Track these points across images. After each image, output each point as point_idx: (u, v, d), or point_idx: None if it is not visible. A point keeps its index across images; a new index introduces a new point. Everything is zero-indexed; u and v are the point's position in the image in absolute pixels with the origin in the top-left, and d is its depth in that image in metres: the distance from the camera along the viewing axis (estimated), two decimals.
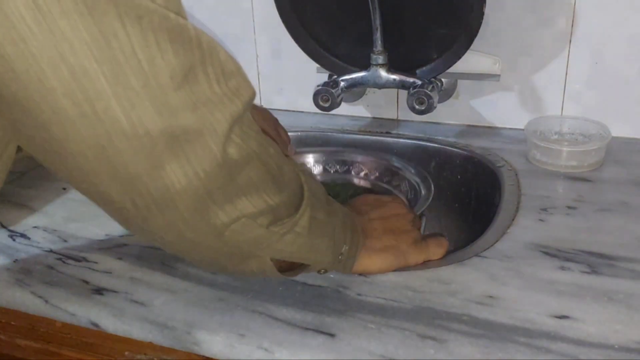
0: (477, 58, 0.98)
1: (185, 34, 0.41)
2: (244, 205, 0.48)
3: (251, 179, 0.48)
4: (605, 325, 0.56)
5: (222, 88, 0.44)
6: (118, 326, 0.61)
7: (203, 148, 0.43)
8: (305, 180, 0.56)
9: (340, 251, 0.60)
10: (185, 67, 0.41)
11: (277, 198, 0.51)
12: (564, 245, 0.69)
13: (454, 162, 0.99)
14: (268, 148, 0.50)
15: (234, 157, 0.45)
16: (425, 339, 0.55)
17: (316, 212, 0.56)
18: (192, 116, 0.42)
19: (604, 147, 0.88)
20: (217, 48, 0.44)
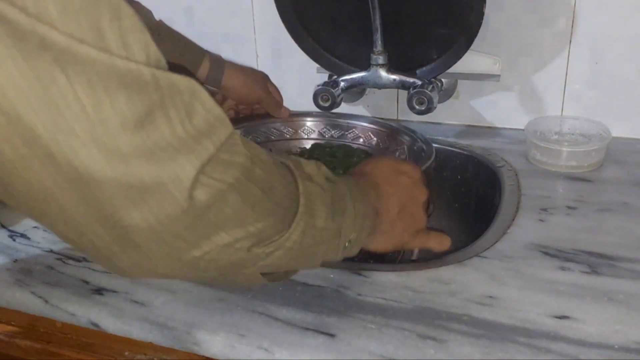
0: (477, 58, 0.98)
1: (139, 78, 0.38)
2: (220, 237, 0.45)
3: (227, 213, 0.45)
4: (605, 326, 0.56)
5: (188, 130, 0.41)
6: (118, 326, 0.61)
7: (164, 197, 0.40)
8: (303, 190, 0.52)
9: (346, 242, 0.58)
10: (139, 112, 0.38)
11: (261, 224, 0.48)
12: (564, 246, 0.69)
13: (454, 162, 0.99)
14: (253, 170, 0.47)
15: (202, 199, 0.42)
16: (425, 339, 0.55)
17: (315, 220, 0.53)
18: (149, 164, 0.39)
19: (604, 147, 0.88)
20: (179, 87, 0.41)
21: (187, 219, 0.42)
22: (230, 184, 0.44)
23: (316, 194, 0.54)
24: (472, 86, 1.04)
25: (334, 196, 0.56)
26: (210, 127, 0.42)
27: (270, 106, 0.97)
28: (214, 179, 0.43)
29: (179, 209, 0.41)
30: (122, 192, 0.39)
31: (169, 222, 0.41)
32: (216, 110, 0.43)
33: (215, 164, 0.43)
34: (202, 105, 0.42)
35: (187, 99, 0.41)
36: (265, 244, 0.49)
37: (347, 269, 0.66)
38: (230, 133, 0.44)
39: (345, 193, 0.58)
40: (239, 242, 0.47)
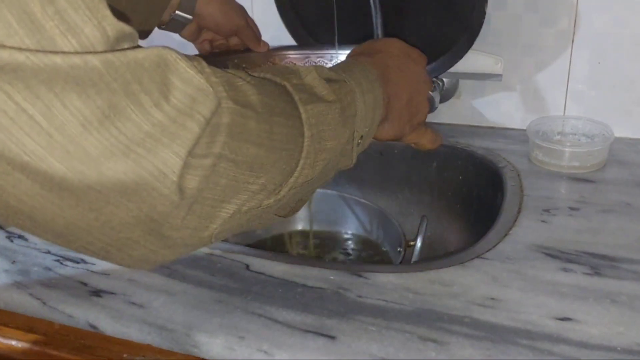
0: (479, 58, 0.98)
1: (89, 70, 0.33)
2: (225, 210, 0.43)
3: (223, 185, 0.41)
4: (607, 327, 0.56)
5: (167, 112, 0.36)
6: (116, 328, 0.61)
7: (150, 194, 0.37)
8: (306, 118, 0.48)
9: (359, 139, 0.56)
10: (101, 107, 0.34)
11: (264, 178, 0.44)
12: (567, 247, 0.69)
13: (455, 162, 0.98)
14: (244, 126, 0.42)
15: (194, 186, 0.39)
16: (426, 342, 0.55)
17: (326, 142, 0.50)
18: (125, 163, 0.35)
19: (606, 147, 0.88)
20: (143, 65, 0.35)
21: (183, 210, 0.39)
22: (219, 154, 0.40)
23: (322, 113, 0.50)
24: (474, 86, 1.03)
25: (342, 102, 0.52)
26: (192, 103, 0.37)
27: (249, 38, 0.90)
28: (199, 156, 0.39)
29: (171, 205, 0.38)
30: (103, 197, 0.36)
31: (162, 218, 0.39)
32: (197, 81, 0.38)
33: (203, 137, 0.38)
34: (178, 77, 0.37)
35: (159, 75, 0.36)
36: (275, 193, 0.46)
37: (347, 270, 0.66)
38: (217, 104, 0.39)
39: (353, 90, 0.54)
40: (245, 205, 0.44)
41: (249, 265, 0.67)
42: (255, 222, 0.49)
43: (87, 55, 0.33)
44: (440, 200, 1.00)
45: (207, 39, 0.91)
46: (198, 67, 0.39)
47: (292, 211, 0.55)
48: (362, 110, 0.55)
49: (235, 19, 0.87)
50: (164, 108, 0.36)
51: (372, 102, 0.57)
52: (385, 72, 0.62)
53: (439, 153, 1.00)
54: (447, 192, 1.00)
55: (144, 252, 0.41)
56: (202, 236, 0.43)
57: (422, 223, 0.81)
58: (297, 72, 0.52)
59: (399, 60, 0.65)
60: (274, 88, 0.48)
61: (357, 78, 0.56)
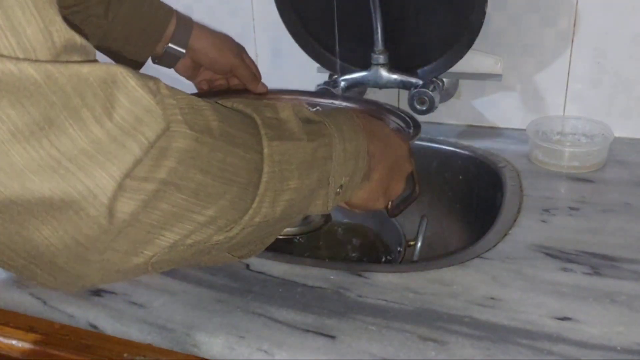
0: (479, 58, 0.98)
1: (24, 80, 0.31)
2: (164, 238, 0.39)
3: (163, 210, 0.38)
4: (607, 327, 0.56)
5: (108, 130, 0.34)
6: (117, 328, 0.61)
7: (78, 215, 0.34)
8: (269, 153, 0.45)
9: (337, 188, 0.53)
10: (35, 119, 0.31)
11: (211, 209, 0.41)
12: (566, 247, 0.69)
13: (455, 162, 0.98)
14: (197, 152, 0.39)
15: (127, 211, 0.36)
16: (426, 341, 0.55)
17: (288, 182, 0.47)
18: (51, 179, 0.33)
19: (606, 147, 0.88)
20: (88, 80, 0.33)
21: (111, 235, 0.36)
22: (162, 180, 0.37)
23: (288, 151, 0.47)
24: (474, 86, 1.03)
25: (316, 144, 0.49)
26: (136, 123, 0.35)
27: (245, 77, 0.87)
28: (140, 179, 0.36)
29: (99, 229, 0.35)
30: (25, 212, 0.33)
31: (88, 242, 0.36)
32: (145, 101, 0.35)
33: (146, 159, 0.36)
34: (126, 95, 0.35)
35: (104, 91, 0.34)
36: (226, 229, 0.43)
37: (347, 270, 0.66)
38: (164, 128, 0.37)
39: (331, 134, 0.52)
40: (190, 237, 0.41)
41: (249, 264, 0.67)
42: (204, 258, 0.46)
43: (24, 62, 0.31)
44: (440, 200, 1.00)
45: (205, 78, 0.90)
46: (153, 87, 0.37)
47: (250, 252, 0.52)
48: (339, 156, 0.52)
49: (229, 56, 0.85)
50: (105, 125, 0.34)
51: (354, 151, 0.54)
52: (373, 130, 0.60)
53: (439, 153, 1.00)
54: (447, 192, 1.00)
55: (69, 276, 0.38)
56: (136, 262, 0.39)
57: (422, 223, 0.81)
58: (274, 106, 0.49)
59: (382, 130, 0.63)
60: (241, 119, 0.46)
61: (338, 124, 0.54)
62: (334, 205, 0.54)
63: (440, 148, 0.99)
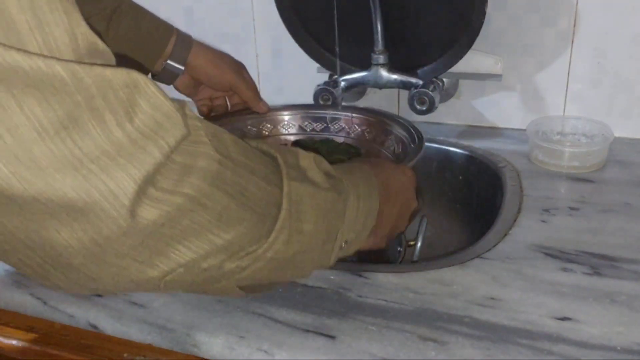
0: (479, 58, 0.98)
1: (52, 78, 0.32)
2: (180, 253, 0.40)
3: (184, 225, 0.38)
4: (607, 327, 0.56)
5: (129, 133, 0.34)
6: (117, 328, 0.61)
7: (98, 215, 0.34)
8: (288, 191, 0.46)
9: (342, 243, 0.53)
10: (60, 117, 0.32)
11: (230, 234, 0.41)
12: (566, 247, 0.69)
13: (455, 162, 0.98)
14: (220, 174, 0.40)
15: (150, 218, 0.36)
16: (426, 341, 0.55)
17: (303, 224, 0.47)
18: (74, 178, 0.33)
19: (606, 147, 0.88)
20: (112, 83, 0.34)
21: (131, 239, 0.36)
22: (188, 195, 0.38)
23: (307, 194, 0.47)
24: (474, 86, 1.03)
25: (332, 196, 0.50)
26: (157, 128, 0.36)
27: (246, 95, 0.87)
28: (165, 191, 0.36)
29: (118, 230, 0.35)
30: (46, 210, 0.34)
31: (107, 243, 0.36)
32: (166, 107, 0.36)
33: (168, 172, 0.37)
34: (147, 101, 0.35)
35: (126, 95, 0.35)
36: (239, 257, 0.43)
37: (347, 270, 0.66)
38: (184, 134, 0.38)
39: (348, 191, 0.52)
40: (206, 260, 0.41)
41: None
42: (213, 286, 0.46)
43: (52, 60, 0.32)
44: (440, 200, 1.00)
45: (205, 96, 0.90)
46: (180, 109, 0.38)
47: (257, 290, 0.52)
48: (352, 214, 0.52)
49: (228, 74, 0.85)
50: (126, 128, 0.34)
51: (366, 210, 0.55)
52: (386, 188, 0.61)
53: (439, 153, 1.00)
54: (447, 192, 1.00)
55: (82, 277, 0.38)
56: (150, 275, 0.40)
57: (422, 223, 0.81)
58: (296, 152, 0.50)
59: (398, 178, 0.64)
60: (263, 156, 0.46)
61: (355, 182, 0.54)
62: (335, 259, 0.54)
63: (440, 148, 0.99)
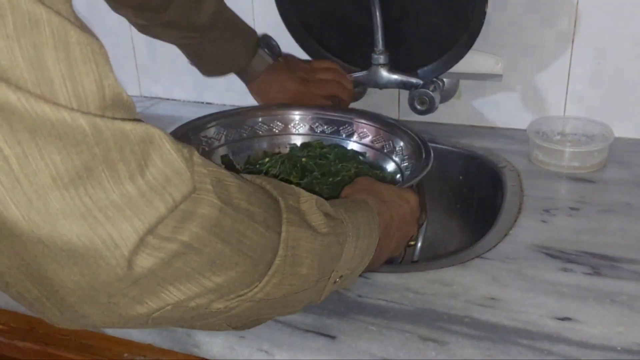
0: (479, 58, 0.98)
1: (74, 129, 0.33)
2: (170, 294, 0.41)
3: (176, 268, 0.40)
4: (607, 327, 0.56)
5: (139, 186, 0.36)
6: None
7: (97, 262, 0.36)
8: (286, 237, 0.47)
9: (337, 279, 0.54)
10: (77, 167, 0.34)
11: (221, 278, 0.42)
12: (567, 247, 0.69)
13: (455, 162, 0.98)
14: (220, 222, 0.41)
15: (146, 266, 0.38)
16: (426, 341, 0.55)
17: (298, 268, 0.48)
18: (80, 226, 0.35)
19: (606, 147, 0.88)
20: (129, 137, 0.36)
21: (125, 284, 0.38)
22: (185, 243, 0.39)
23: (304, 239, 0.48)
24: (474, 86, 1.03)
25: (330, 240, 0.51)
26: (166, 183, 0.37)
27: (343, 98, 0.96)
28: (163, 239, 0.38)
29: (114, 277, 0.37)
30: (49, 252, 0.35)
31: (102, 287, 0.37)
32: (177, 164, 0.38)
33: (169, 220, 0.38)
34: (160, 156, 0.37)
35: (141, 149, 0.36)
36: (228, 299, 0.44)
37: None
38: (191, 190, 0.39)
39: (347, 233, 0.53)
40: (194, 299, 0.42)
41: None
42: (201, 322, 0.47)
43: (77, 113, 0.33)
44: (440, 200, 1.00)
45: None
46: (186, 154, 0.39)
47: (245, 326, 0.53)
48: (349, 253, 0.53)
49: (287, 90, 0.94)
50: (137, 181, 0.36)
51: (365, 248, 0.56)
52: (388, 225, 0.61)
53: (439, 153, 1.00)
54: (447, 192, 1.00)
55: (75, 315, 0.40)
56: (139, 311, 0.41)
57: (422, 223, 0.81)
58: (298, 194, 0.51)
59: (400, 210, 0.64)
60: (265, 199, 0.47)
61: (357, 222, 0.55)
62: (327, 294, 0.54)
63: (441, 148, 0.99)
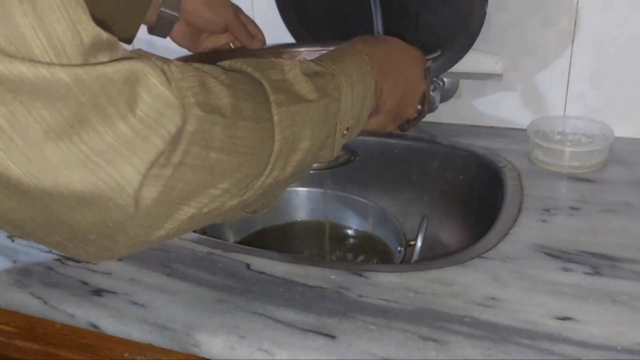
0: (480, 58, 0.98)
1: (56, 84, 0.33)
2: (183, 212, 0.42)
3: (180, 189, 0.41)
4: (608, 327, 0.56)
5: (132, 125, 0.36)
6: (117, 327, 0.61)
7: (106, 204, 0.37)
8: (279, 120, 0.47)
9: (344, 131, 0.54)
10: (67, 119, 0.34)
11: (227, 182, 0.44)
12: (567, 247, 0.69)
13: (456, 162, 0.98)
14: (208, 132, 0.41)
15: (151, 197, 0.39)
16: (426, 341, 0.55)
17: (300, 143, 0.49)
18: (83, 173, 0.35)
19: (607, 147, 0.88)
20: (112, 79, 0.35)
21: (138, 219, 0.39)
22: (180, 163, 0.40)
23: (298, 113, 0.48)
24: (474, 86, 1.03)
25: (324, 103, 0.51)
26: (159, 117, 0.37)
27: (241, 34, 0.85)
28: (160, 166, 0.38)
29: (125, 215, 0.38)
30: (59, 201, 0.36)
31: (116, 225, 0.39)
32: (166, 96, 0.38)
33: (166, 158, 0.39)
34: (148, 91, 0.37)
35: (127, 88, 0.36)
36: (240, 195, 0.46)
37: (347, 270, 0.66)
38: (184, 120, 0.39)
39: (340, 84, 0.53)
40: (207, 206, 0.43)
41: (250, 264, 0.67)
42: (219, 219, 0.49)
43: (55, 67, 0.33)
44: (440, 200, 1.00)
45: (207, 46, 0.88)
46: (168, 72, 0.39)
47: (262, 207, 0.54)
48: (348, 103, 0.54)
49: (222, 12, 0.83)
50: (129, 120, 0.36)
51: (362, 94, 0.55)
52: (384, 64, 0.60)
53: (439, 153, 1.00)
54: (447, 192, 0.99)
55: (99, 249, 0.41)
56: (158, 235, 0.42)
57: (423, 223, 0.81)
58: (281, 66, 0.50)
59: (399, 54, 0.64)
60: (249, 87, 0.47)
61: (347, 69, 0.55)
62: (340, 148, 0.55)
63: (441, 148, 0.99)
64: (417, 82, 0.66)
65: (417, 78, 0.66)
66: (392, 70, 0.62)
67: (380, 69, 0.60)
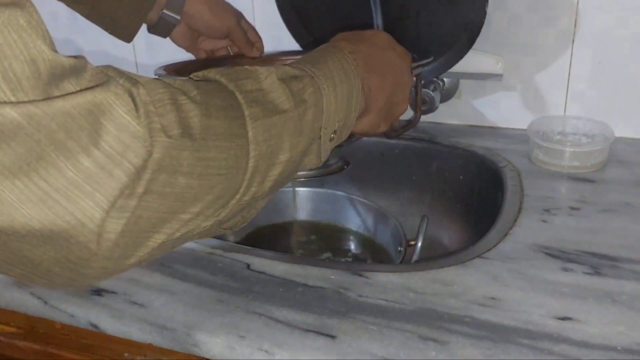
0: (480, 57, 0.98)
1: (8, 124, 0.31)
2: (153, 239, 0.40)
3: (147, 218, 0.39)
4: (608, 327, 0.56)
5: (96, 158, 0.34)
6: (117, 327, 0.61)
7: (68, 242, 0.35)
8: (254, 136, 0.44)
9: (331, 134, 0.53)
10: (22, 158, 0.32)
11: (199, 206, 0.42)
12: (567, 247, 0.69)
13: (456, 162, 0.98)
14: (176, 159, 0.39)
15: (116, 230, 0.37)
16: (426, 341, 0.55)
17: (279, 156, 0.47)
18: (41, 211, 0.33)
19: (607, 147, 0.88)
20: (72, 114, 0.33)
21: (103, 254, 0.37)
22: (145, 193, 0.37)
23: (274, 125, 0.46)
24: (474, 86, 1.03)
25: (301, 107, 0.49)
26: (124, 150, 0.35)
27: (241, 41, 0.85)
28: (125, 197, 0.36)
29: (88, 252, 0.36)
30: (19, 239, 0.34)
31: (80, 261, 0.37)
32: (132, 127, 0.36)
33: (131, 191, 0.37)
34: (112, 122, 0.35)
35: (89, 122, 0.34)
36: (215, 216, 0.44)
37: (347, 270, 0.66)
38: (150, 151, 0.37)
39: (320, 87, 0.51)
40: (179, 231, 0.42)
41: (250, 264, 0.67)
42: (195, 239, 0.47)
43: (5, 107, 0.31)
44: (440, 200, 1.00)
45: (205, 49, 0.88)
46: (136, 96, 0.37)
47: (242, 222, 0.52)
48: (331, 105, 0.52)
49: (226, 19, 0.83)
50: (92, 154, 0.34)
51: (347, 93, 0.54)
52: (369, 61, 0.58)
53: (439, 153, 1.00)
54: (447, 192, 1.00)
55: (66, 280, 0.39)
56: (129, 263, 0.40)
57: (423, 223, 0.81)
58: (256, 74, 0.48)
59: (384, 52, 0.62)
60: (222, 102, 0.45)
61: (327, 71, 0.53)
62: (328, 152, 0.53)
63: (441, 148, 0.99)
64: (405, 76, 0.64)
65: (404, 72, 0.64)
66: (379, 66, 0.60)
67: (366, 66, 0.58)
